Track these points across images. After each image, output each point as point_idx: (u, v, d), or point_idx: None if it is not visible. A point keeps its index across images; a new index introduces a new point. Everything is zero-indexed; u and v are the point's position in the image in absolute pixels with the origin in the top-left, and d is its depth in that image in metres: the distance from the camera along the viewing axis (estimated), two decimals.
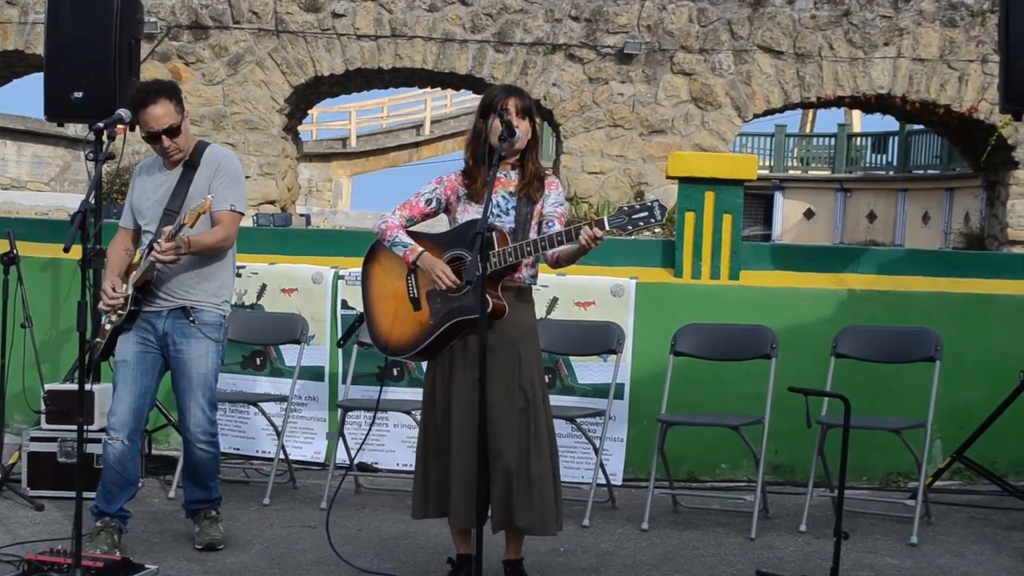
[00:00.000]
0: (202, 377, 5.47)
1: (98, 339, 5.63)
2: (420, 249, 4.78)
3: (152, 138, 5.38)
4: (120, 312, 5.44)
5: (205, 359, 5.47)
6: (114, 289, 5.43)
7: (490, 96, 4.81)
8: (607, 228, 4.45)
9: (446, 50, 16.53)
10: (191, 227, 5.09)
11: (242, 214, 5.49)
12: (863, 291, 7.43)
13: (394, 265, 4.87)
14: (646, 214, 4.43)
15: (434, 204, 4.93)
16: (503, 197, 4.79)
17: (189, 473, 5.68)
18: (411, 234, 4.87)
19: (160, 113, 5.33)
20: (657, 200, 4.46)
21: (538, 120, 4.98)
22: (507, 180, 4.83)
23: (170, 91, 5.41)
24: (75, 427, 6.12)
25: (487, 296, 4.56)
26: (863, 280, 7.51)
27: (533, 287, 4.92)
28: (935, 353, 6.40)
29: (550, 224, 4.77)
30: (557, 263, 4.80)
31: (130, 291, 5.40)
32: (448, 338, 4.75)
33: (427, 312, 4.77)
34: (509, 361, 4.73)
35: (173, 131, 5.37)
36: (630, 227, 4.46)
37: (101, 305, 5.51)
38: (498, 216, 4.74)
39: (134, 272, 5.43)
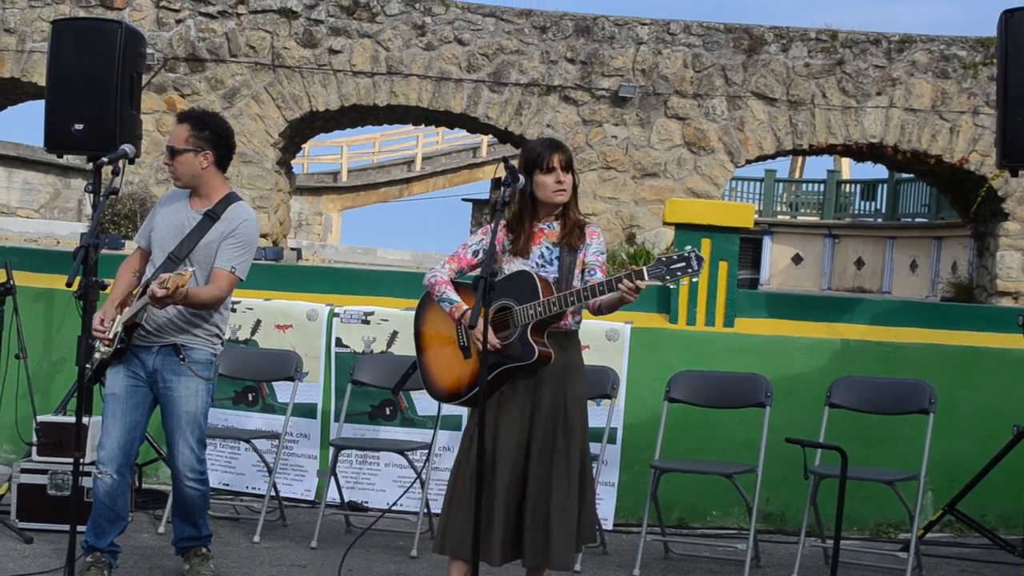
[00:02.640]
0: (191, 416, 5.45)
1: (88, 364, 5.61)
2: (464, 307, 4.83)
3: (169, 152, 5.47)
4: (107, 348, 5.43)
5: (195, 397, 5.46)
6: (102, 322, 5.41)
7: (534, 152, 4.85)
8: (647, 279, 4.51)
9: (441, 89, 16.59)
10: (171, 292, 5.05)
11: (241, 279, 5.47)
12: (857, 341, 7.45)
13: (445, 315, 4.92)
14: (683, 264, 4.51)
15: (481, 255, 4.96)
16: (547, 248, 4.87)
17: (178, 510, 5.65)
18: (459, 286, 4.91)
19: (175, 132, 5.44)
20: (694, 251, 4.52)
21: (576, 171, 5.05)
22: (550, 231, 4.90)
23: (200, 124, 5.46)
24: (67, 460, 6.12)
25: (533, 344, 4.68)
26: (857, 330, 7.53)
27: (578, 331, 4.99)
28: (929, 406, 6.42)
29: (592, 272, 4.85)
30: (599, 311, 4.85)
31: (119, 330, 5.37)
32: (497, 384, 4.79)
33: (476, 360, 4.80)
34: (556, 403, 4.81)
35: (173, 152, 5.40)
36: (668, 277, 4.55)
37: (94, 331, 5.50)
38: (542, 266, 4.83)
39: (127, 310, 5.41)
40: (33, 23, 16.26)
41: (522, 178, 4.77)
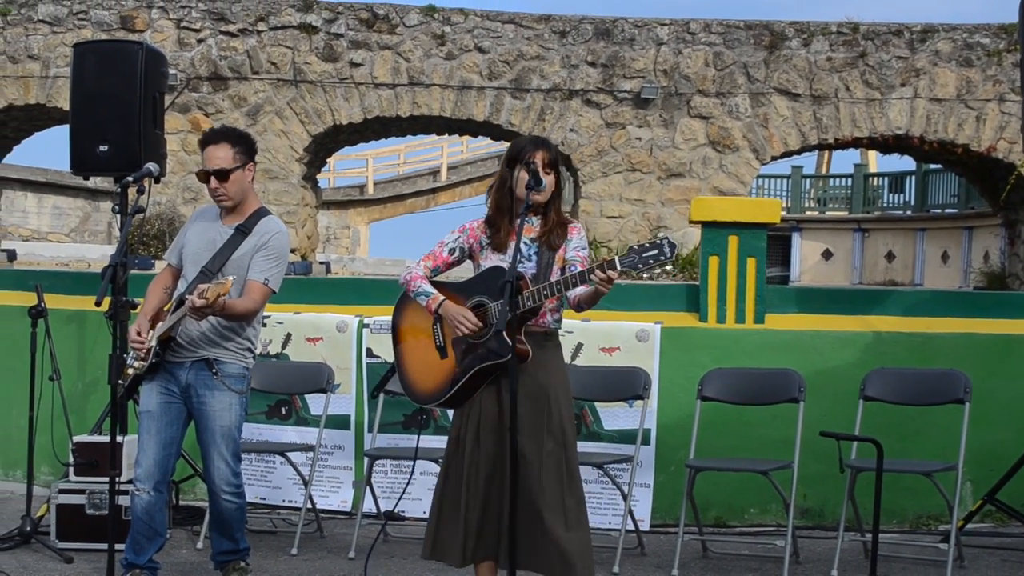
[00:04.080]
0: (225, 429, 5.48)
1: (120, 380, 5.65)
2: (441, 298, 4.80)
3: (204, 176, 5.42)
4: (143, 362, 5.45)
5: (228, 411, 5.48)
6: (139, 334, 5.44)
7: (518, 147, 4.83)
8: (619, 268, 4.43)
9: (463, 97, 16.61)
10: (211, 301, 5.07)
11: (274, 291, 5.49)
12: (889, 333, 7.40)
13: (421, 315, 4.88)
14: (656, 252, 4.40)
15: (457, 253, 4.95)
16: (525, 243, 4.80)
17: (216, 524, 5.68)
18: (435, 283, 4.89)
19: (216, 155, 5.40)
20: (667, 238, 4.44)
21: (562, 170, 4.98)
22: (529, 226, 4.84)
23: (236, 138, 5.47)
24: (104, 479, 6.15)
25: (507, 341, 4.57)
26: (889, 322, 7.48)
27: (559, 331, 4.91)
28: (964, 395, 6.38)
29: (572, 268, 4.76)
30: (579, 307, 4.78)
31: (154, 343, 5.41)
32: (475, 385, 4.75)
33: (452, 360, 4.78)
34: (539, 406, 4.73)
35: (223, 175, 5.39)
36: (640, 265, 4.42)
37: (130, 343, 5.52)
38: (520, 262, 4.74)
39: (160, 324, 5.44)
40: (56, 48, 16.38)
41: (545, 180, 4.75)
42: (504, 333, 4.56)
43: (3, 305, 8.34)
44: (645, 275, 4.63)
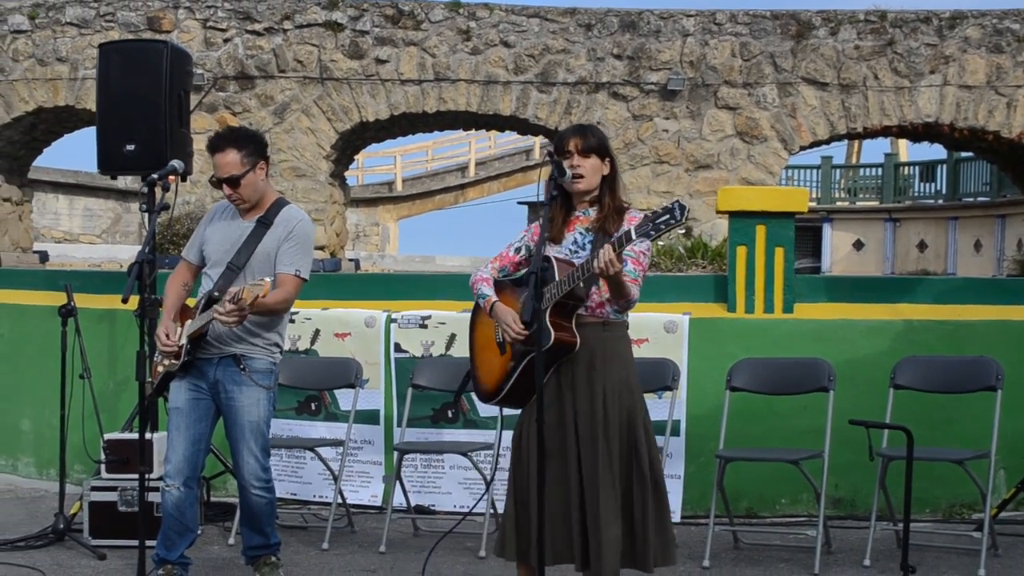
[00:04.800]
0: (254, 425, 5.49)
1: (149, 379, 5.67)
2: (494, 299, 4.77)
3: (216, 184, 5.44)
4: (174, 360, 5.47)
5: (256, 407, 5.49)
6: (168, 336, 5.46)
7: (557, 138, 4.82)
8: (635, 237, 4.36)
9: (490, 92, 16.61)
10: (248, 304, 5.08)
11: (305, 280, 5.50)
12: (920, 321, 7.35)
13: (488, 316, 4.88)
14: (667, 216, 4.31)
15: (523, 252, 4.91)
16: (580, 233, 4.75)
17: (246, 519, 5.70)
18: (497, 282, 4.87)
19: (224, 162, 5.38)
20: (677, 201, 4.36)
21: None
22: (585, 217, 4.79)
23: (242, 141, 5.43)
24: (135, 476, 6.18)
25: (551, 330, 4.53)
26: (919, 310, 7.42)
27: (623, 322, 4.81)
28: (996, 382, 6.33)
29: (624, 263, 4.60)
30: (617, 309, 4.73)
31: (184, 342, 5.43)
32: (531, 380, 4.69)
33: (509, 355, 4.76)
34: (591, 400, 4.68)
35: (234, 181, 5.39)
36: (653, 232, 4.34)
37: (159, 347, 5.55)
38: (575, 252, 4.70)
39: (189, 322, 5.45)
40: (84, 50, 16.49)
41: (568, 171, 4.72)
42: (548, 322, 4.53)
43: (35, 305, 8.41)
44: (661, 241, 4.57)
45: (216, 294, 5.34)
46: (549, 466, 4.64)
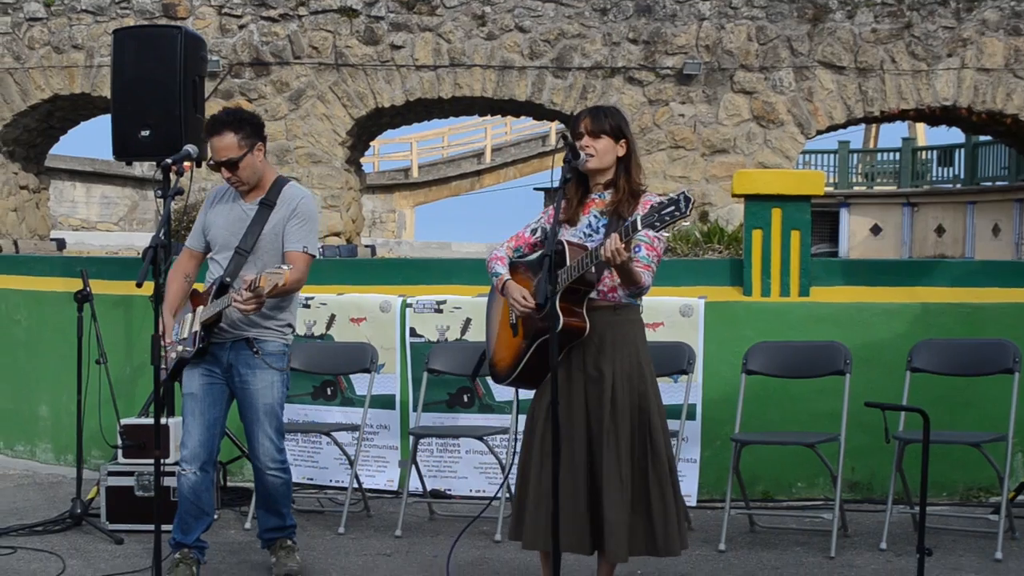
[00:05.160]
0: (268, 407, 5.50)
1: (163, 366, 5.67)
2: (506, 278, 4.78)
3: (215, 168, 5.43)
4: (188, 348, 5.47)
5: (270, 389, 5.50)
6: (163, 336, 5.42)
7: (573, 119, 4.81)
8: (640, 228, 4.35)
9: (505, 77, 16.58)
10: (265, 291, 5.08)
11: (314, 256, 5.51)
12: (937, 304, 7.31)
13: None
14: (672, 208, 4.30)
15: (539, 233, 4.92)
16: (595, 216, 4.75)
17: (262, 501, 5.71)
18: (512, 262, 4.87)
19: (221, 145, 5.37)
20: (684, 192, 4.36)
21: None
22: (600, 200, 4.79)
23: (237, 123, 5.40)
24: (152, 461, 6.20)
25: (559, 314, 4.52)
26: (937, 293, 7.39)
27: (634, 304, 4.81)
28: (1014, 365, 6.30)
29: (637, 249, 4.66)
30: (630, 294, 4.73)
31: (198, 328, 5.42)
32: (542, 362, 4.68)
33: (521, 336, 4.77)
34: (599, 384, 4.68)
35: (232, 164, 5.37)
36: (659, 223, 4.33)
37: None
38: (589, 236, 4.70)
39: (201, 308, 5.45)
40: (100, 38, 16.49)
41: (584, 153, 4.70)
42: (557, 305, 4.52)
43: (51, 291, 8.44)
44: (665, 232, 4.55)
45: (228, 280, 5.34)
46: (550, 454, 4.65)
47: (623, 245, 4.38)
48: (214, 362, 5.49)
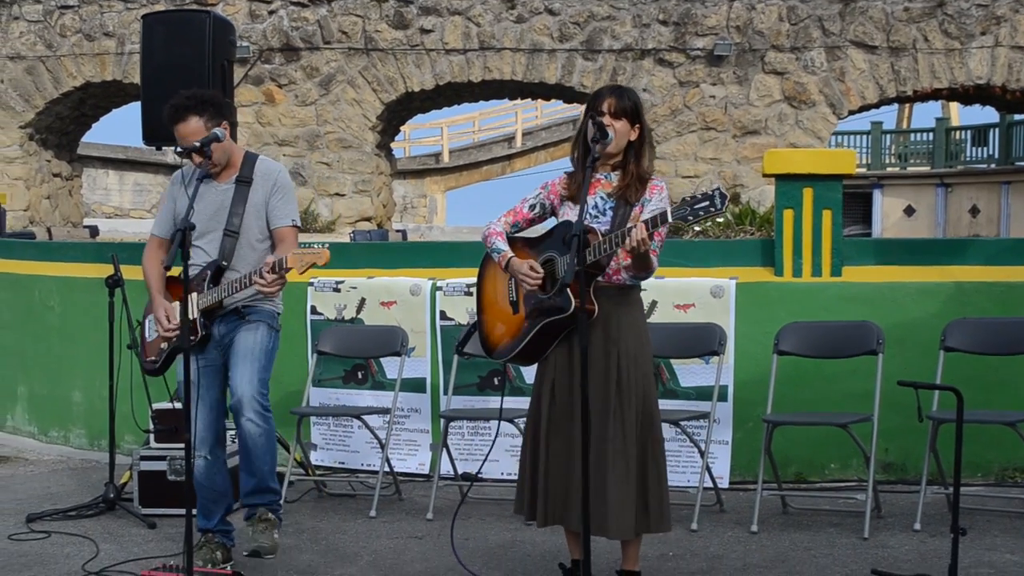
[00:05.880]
0: (248, 349, 5.33)
1: (151, 358, 5.62)
2: (510, 254, 4.77)
3: (186, 154, 5.28)
4: (191, 338, 5.33)
5: (254, 334, 5.36)
6: (169, 319, 5.42)
7: (593, 96, 4.78)
8: (670, 220, 4.35)
9: (535, 60, 16.54)
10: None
11: (299, 227, 5.48)
12: (971, 283, 7.24)
13: (501, 272, 4.87)
14: (707, 203, 4.30)
15: (538, 209, 4.90)
16: (601, 198, 4.73)
17: (241, 458, 5.45)
18: (511, 239, 4.86)
19: (187, 131, 5.26)
20: (718, 188, 4.34)
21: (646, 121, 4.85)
22: (607, 182, 4.76)
23: (199, 106, 5.31)
24: (183, 445, 6.21)
25: (570, 296, 4.53)
26: (970, 272, 7.31)
27: (637, 287, 4.84)
28: None
29: None
30: (635, 277, 4.72)
31: (197, 315, 5.30)
32: (544, 341, 4.72)
33: (523, 314, 4.76)
34: (607, 363, 4.68)
35: (205, 148, 5.21)
36: (691, 217, 4.32)
37: (161, 332, 5.48)
38: (595, 217, 4.68)
39: (194, 295, 5.29)
40: (131, 25, 16.57)
41: (611, 132, 4.66)
42: (568, 289, 4.52)
43: (83, 277, 8.48)
44: (696, 227, 4.54)
45: (224, 264, 5.28)
46: (555, 432, 4.66)
47: (647, 235, 4.37)
48: (206, 341, 5.41)
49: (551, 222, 4.88)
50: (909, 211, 30.61)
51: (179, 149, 5.35)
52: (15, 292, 9.32)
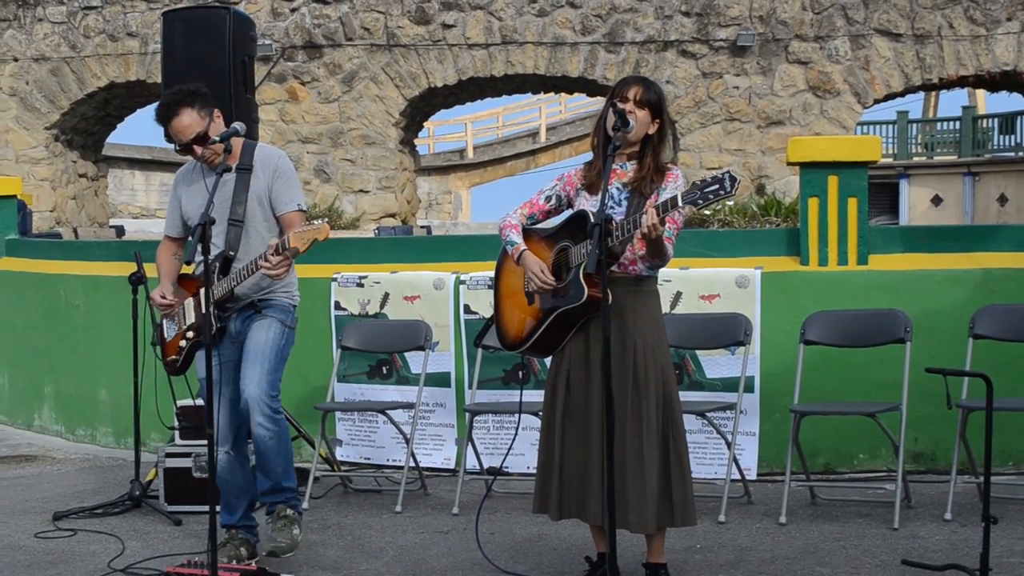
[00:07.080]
0: (258, 349, 5.30)
1: (172, 356, 5.59)
2: (523, 248, 4.76)
3: (185, 149, 5.29)
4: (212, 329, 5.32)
5: (267, 331, 5.33)
6: (164, 296, 5.41)
7: (618, 84, 4.76)
8: (680, 204, 4.31)
9: (557, 54, 16.49)
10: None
11: (305, 211, 5.42)
12: (999, 270, 7.16)
13: (516, 264, 4.85)
14: (717, 187, 4.25)
15: (554, 201, 4.89)
16: (616, 188, 4.70)
17: (256, 459, 5.44)
18: (527, 230, 4.84)
19: (186, 124, 5.24)
20: (728, 171, 4.30)
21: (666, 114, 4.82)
22: (622, 171, 4.74)
23: (190, 98, 5.28)
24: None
25: (583, 286, 4.52)
26: (998, 258, 7.22)
27: (653, 277, 4.81)
28: None
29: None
30: (651, 266, 4.68)
31: (211, 308, 5.27)
32: (559, 332, 4.69)
33: (537, 305, 4.75)
34: (623, 353, 4.64)
35: (202, 138, 5.24)
36: (701, 201, 4.28)
37: (159, 308, 5.48)
38: (611, 208, 4.65)
39: (203, 288, 5.29)
40: (153, 24, 16.61)
41: (633, 120, 4.63)
42: (581, 278, 4.50)
43: (108, 276, 8.49)
44: (707, 210, 4.50)
45: (232, 253, 5.26)
46: (570, 423, 4.64)
47: (659, 220, 4.34)
48: (222, 337, 5.39)
49: (568, 213, 4.85)
50: (937, 201, 30.43)
51: (178, 148, 5.33)
52: (41, 291, 9.35)
